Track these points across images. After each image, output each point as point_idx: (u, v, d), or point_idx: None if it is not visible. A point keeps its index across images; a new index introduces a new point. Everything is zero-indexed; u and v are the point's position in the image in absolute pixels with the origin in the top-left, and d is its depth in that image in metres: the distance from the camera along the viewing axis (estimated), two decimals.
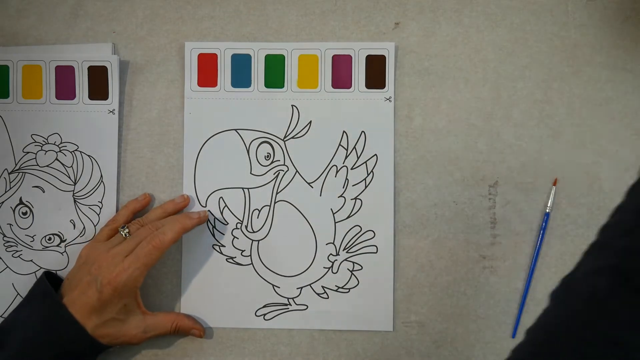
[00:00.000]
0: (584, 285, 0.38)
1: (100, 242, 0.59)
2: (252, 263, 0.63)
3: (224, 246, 0.63)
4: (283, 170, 0.63)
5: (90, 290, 0.54)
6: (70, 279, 0.57)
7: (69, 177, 0.63)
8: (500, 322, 0.61)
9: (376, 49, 0.63)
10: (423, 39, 0.63)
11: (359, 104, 0.63)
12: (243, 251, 0.63)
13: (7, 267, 0.62)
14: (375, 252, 0.62)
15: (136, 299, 0.58)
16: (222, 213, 0.63)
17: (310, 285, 0.62)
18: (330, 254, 0.62)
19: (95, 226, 0.62)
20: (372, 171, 0.62)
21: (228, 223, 0.63)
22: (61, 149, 0.63)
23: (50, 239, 0.63)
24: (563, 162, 0.62)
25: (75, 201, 0.63)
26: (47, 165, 0.63)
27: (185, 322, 0.60)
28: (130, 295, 0.56)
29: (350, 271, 0.62)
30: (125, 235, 0.59)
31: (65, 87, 0.63)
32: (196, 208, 0.63)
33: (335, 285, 0.62)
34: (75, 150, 0.63)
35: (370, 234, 0.62)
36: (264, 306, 0.62)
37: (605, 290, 0.37)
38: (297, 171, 0.63)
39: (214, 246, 0.63)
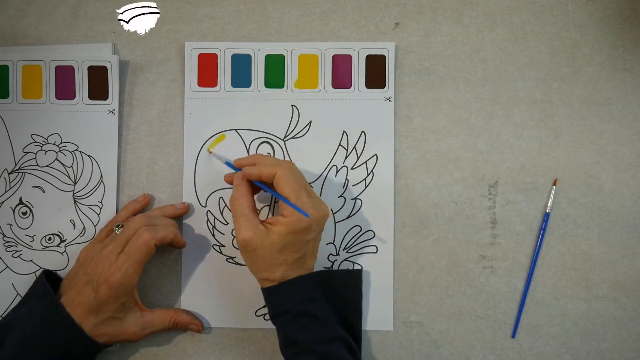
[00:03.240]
0: None
1: (98, 243, 0.59)
2: None
3: (224, 246, 0.63)
4: None
5: (87, 290, 0.54)
6: (69, 279, 0.57)
7: (69, 177, 0.63)
8: (500, 322, 0.61)
9: (376, 49, 0.63)
10: (423, 39, 0.63)
11: (359, 104, 0.63)
12: None
13: (7, 267, 0.62)
14: (375, 252, 0.62)
15: (133, 297, 0.57)
16: (222, 213, 0.63)
17: None
18: (330, 254, 0.62)
19: (95, 226, 0.62)
20: (372, 171, 0.62)
21: (228, 223, 0.63)
22: (61, 149, 0.63)
23: (50, 239, 0.62)
24: (563, 162, 0.62)
25: (75, 201, 0.62)
26: (47, 165, 0.63)
27: (183, 318, 0.60)
28: (127, 294, 0.56)
29: None
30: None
31: (65, 87, 0.63)
32: (196, 208, 0.63)
33: None
34: (75, 150, 0.63)
35: (370, 234, 0.62)
36: (264, 306, 0.62)
37: None
38: None
39: (214, 246, 0.63)
